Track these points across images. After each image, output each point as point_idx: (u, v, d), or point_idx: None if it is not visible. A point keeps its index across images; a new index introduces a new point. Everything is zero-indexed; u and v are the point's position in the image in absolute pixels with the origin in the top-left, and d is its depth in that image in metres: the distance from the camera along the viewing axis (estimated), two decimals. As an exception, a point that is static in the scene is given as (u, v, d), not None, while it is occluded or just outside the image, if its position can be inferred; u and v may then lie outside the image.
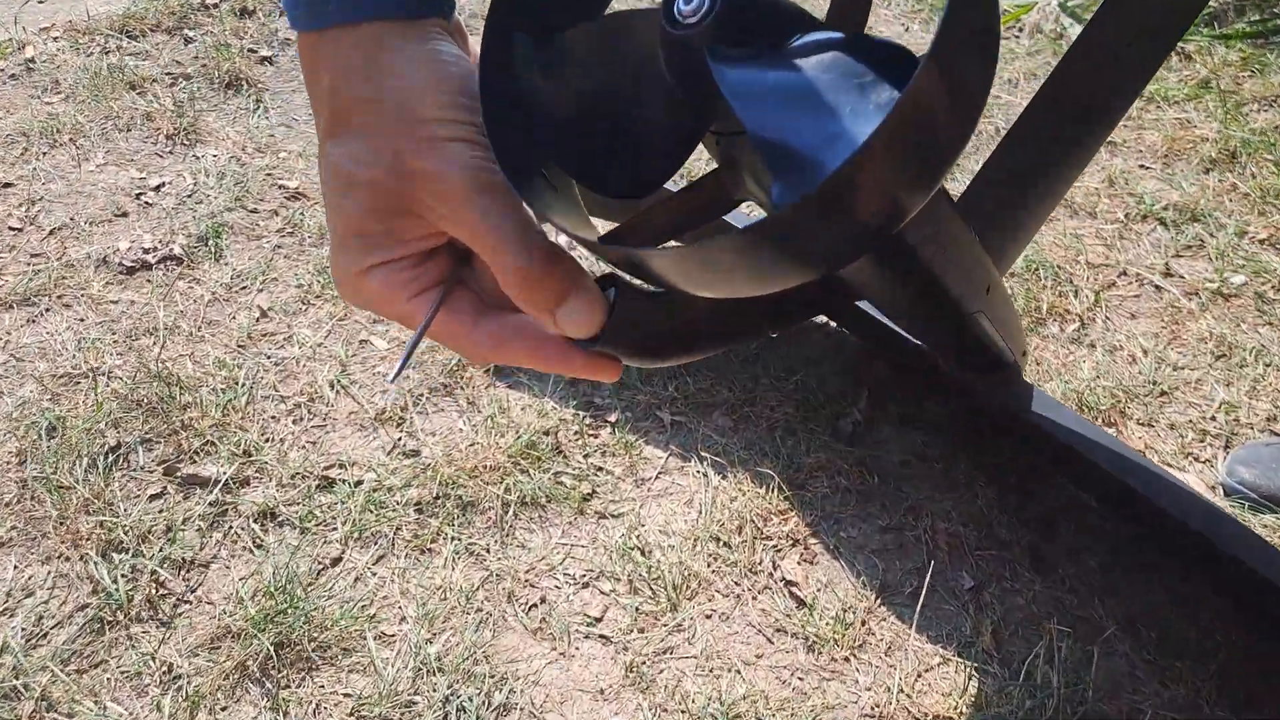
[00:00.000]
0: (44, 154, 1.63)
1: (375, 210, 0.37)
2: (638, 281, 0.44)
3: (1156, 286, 1.48)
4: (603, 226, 0.50)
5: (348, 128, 0.37)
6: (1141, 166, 1.78)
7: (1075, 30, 2.21)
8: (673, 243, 0.41)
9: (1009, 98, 2.01)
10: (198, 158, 1.65)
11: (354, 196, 0.37)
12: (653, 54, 0.40)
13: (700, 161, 1.57)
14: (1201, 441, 1.22)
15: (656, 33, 0.38)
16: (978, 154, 1.77)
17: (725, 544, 1.08)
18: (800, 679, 0.97)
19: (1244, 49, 2.11)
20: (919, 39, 2.21)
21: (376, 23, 0.37)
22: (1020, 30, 2.31)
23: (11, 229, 1.46)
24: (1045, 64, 2.12)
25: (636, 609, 1.02)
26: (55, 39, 1.96)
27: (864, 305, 1.05)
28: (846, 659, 0.99)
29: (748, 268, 0.34)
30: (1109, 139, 1.84)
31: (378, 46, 0.37)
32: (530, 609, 1.02)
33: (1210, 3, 2.15)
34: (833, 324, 1.36)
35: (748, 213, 1.29)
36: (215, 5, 2.12)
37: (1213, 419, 1.25)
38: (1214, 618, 1.02)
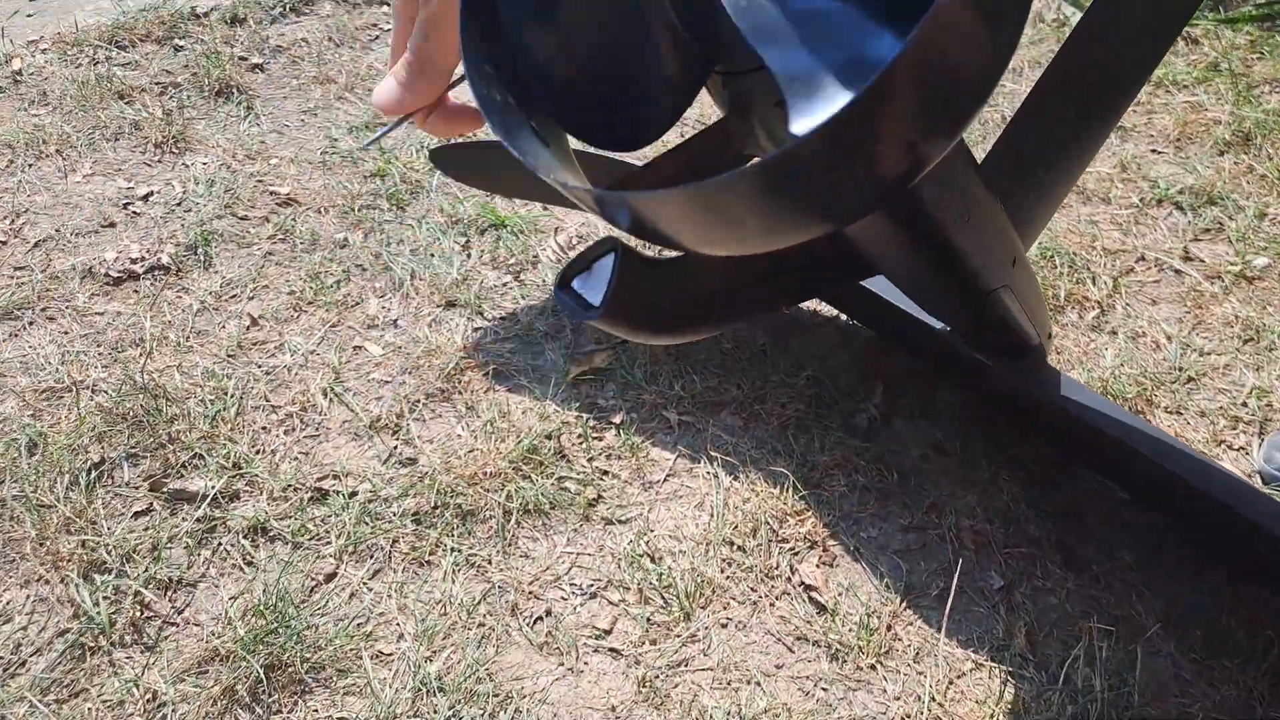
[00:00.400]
0: (30, 165, 1.59)
1: None
2: (642, 247, 0.39)
3: (1176, 271, 1.43)
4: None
5: None
6: (1154, 151, 1.73)
7: (1077, 18, 2.17)
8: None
9: (1014, 86, 1.96)
10: (187, 166, 1.61)
11: None
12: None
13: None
14: (1234, 429, 1.17)
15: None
16: (985, 143, 1.72)
17: (739, 548, 1.03)
18: (824, 690, 0.92)
19: (1251, 31, 2.06)
20: None
21: None
22: (1041, 20, 2.26)
23: (-5, 243, 1.42)
24: (1049, 52, 2.07)
25: (648, 619, 0.97)
26: (43, 51, 1.92)
27: (877, 289, 1.00)
28: (873, 667, 0.93)
29: (758, 213, 0.29)
30: (1119, 125, 1.79)
31: None
32: (535, 622, 0.97)
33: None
34: (843, 317, 1.31)
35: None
36: (205, 14, 2.08)
37: (1244, 405, 1.19)
38: (1263, 612, 0.96)
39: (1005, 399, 1.14)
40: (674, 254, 0.41)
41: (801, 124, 0.30)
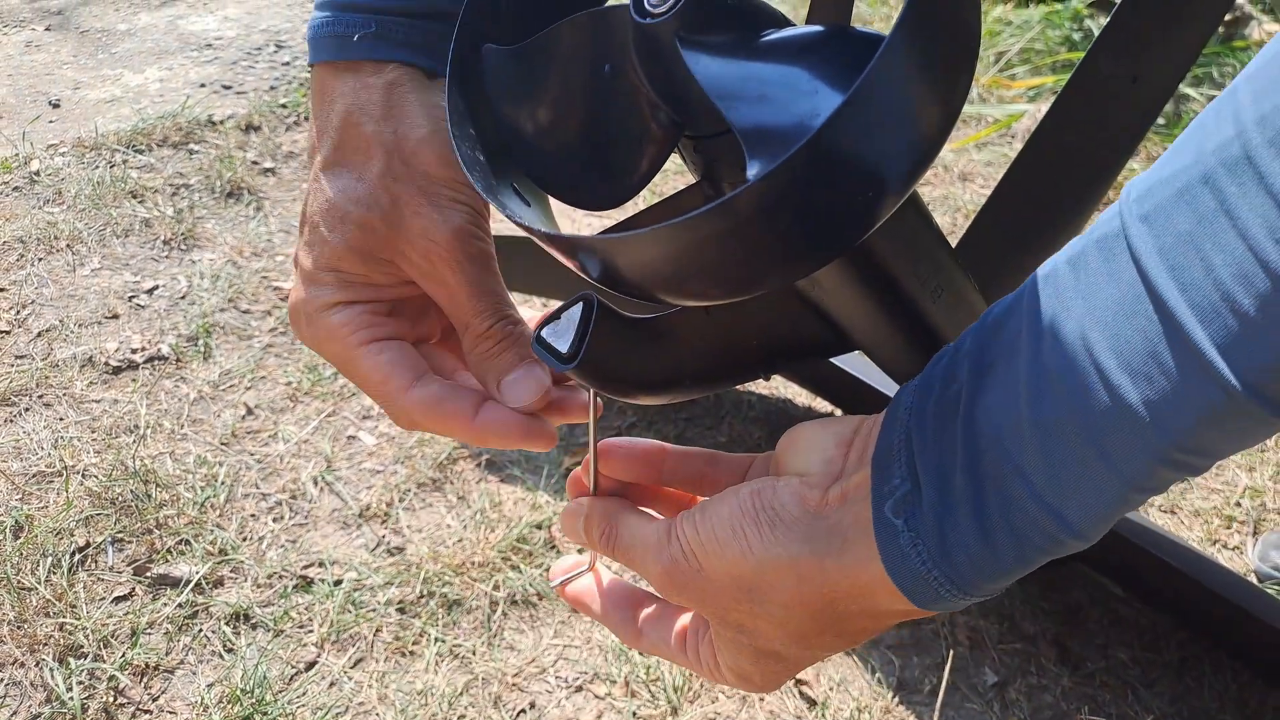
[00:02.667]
0: (40, 260, 1.62)
1: (358, 250, 0.38)
2: (621, 311, 0.41)
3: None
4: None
5: (350, 164, 0.38)
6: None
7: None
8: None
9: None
10: (194, 261, 1.65)
11: (340, 232, 0.38)
12: (625, 58, 0.38)
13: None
14: (1228, 528, 1.16)
15: (628, 35, 0.36)
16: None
17: (728, 642, 1.01)
18: (812, 789, 0.89)
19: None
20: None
21: (402, 67, 0.39)
22: (1013, 136, 2.34)
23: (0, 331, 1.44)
24: (1003, 156, 2.14)
25: (634, 714, 0.95)
26: (62, 154, 1.99)
27: (859, 374, 1.01)
28: (862, 766, 0.90)
29: (713, 256, 0.31)
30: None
31: (397, 90, 0.38)
32: (518, 715, 0.95)
33: (1198, 106, 2.19)
34: (838, 411, 1.31)
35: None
36: (222, 121, 2.16)
37: (1238, 504, 1.19)
38: (1263, 709, 0.94)
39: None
40: (650, 314, 0.42)
41: (759, 170, 0.32)
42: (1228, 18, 2.34)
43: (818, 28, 0.35)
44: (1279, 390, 0.26)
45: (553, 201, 0.43)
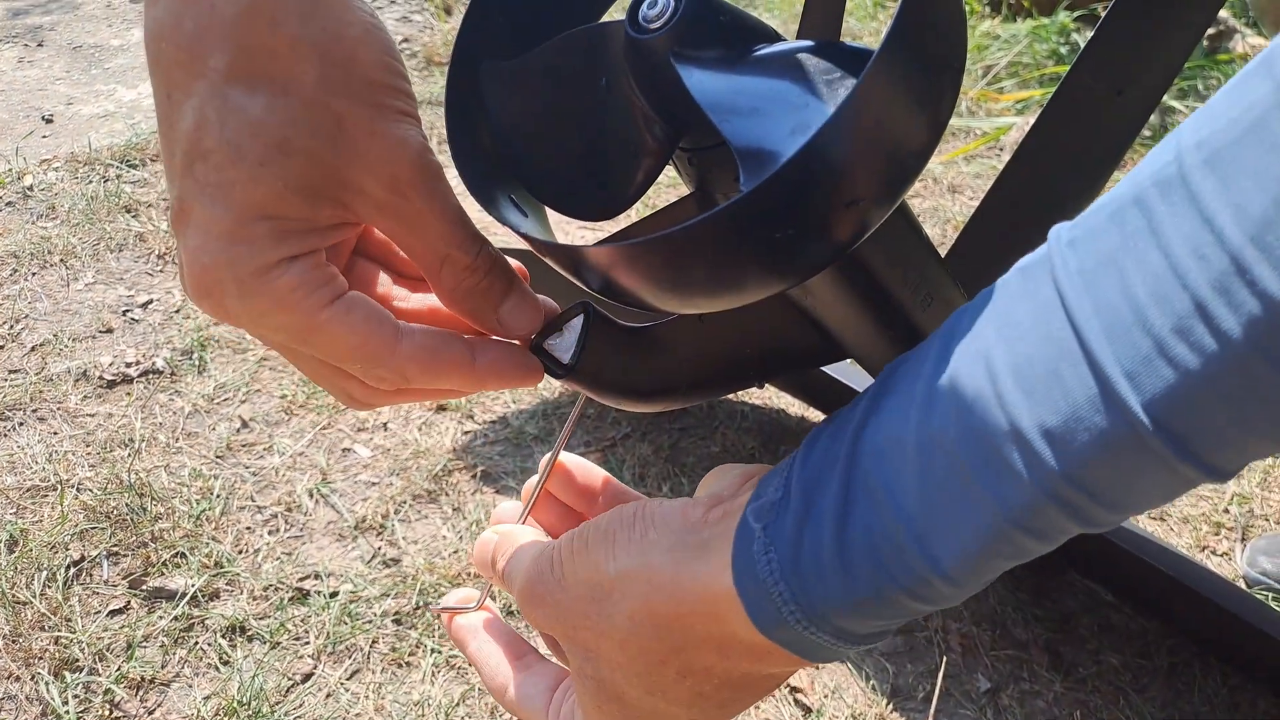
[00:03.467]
0: (33, 274, 1.62)
1: (302, 189, 0.29)
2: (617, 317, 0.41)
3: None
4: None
5: (268, 75, 0.28)
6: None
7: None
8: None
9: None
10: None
11: (277, 166, 0.29)
12: (621, 72, 0.39)
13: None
14: (1217, 534, 1.17)
15: (624, 50, 0.37)
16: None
17: (723, 651, 1.02)
18: (808, 796, 0.89)
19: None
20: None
21: None
22: (1001, 149, 2.36)
23: (-7, 347, 1.45)
24: (990, 169, 2.17)
25: (629, 723, 0.95)
26: (55, 169, 1.99)
27: (854, 384, 1.02)
28: (857, 773, 0.91)
29: (707, 265, 0.32)
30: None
31: None
32: (515, 725, 0.95)
33: (1181, 119, 2.21)
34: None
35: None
36: (213, 136, 2.17)
37: (1226, 511, 1.20)
38: (1255, 714, 0.95)
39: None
40: (646, 323, 0.43)
41: (749, 182, 0.33)
42: (1212, 31, 2.37)
43: (808, 42, 0.36)
44: (1187, 427, 0.23)
45: (549, 212, 0.44)
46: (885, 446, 0.28)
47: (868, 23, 2.73)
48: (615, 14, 0.40)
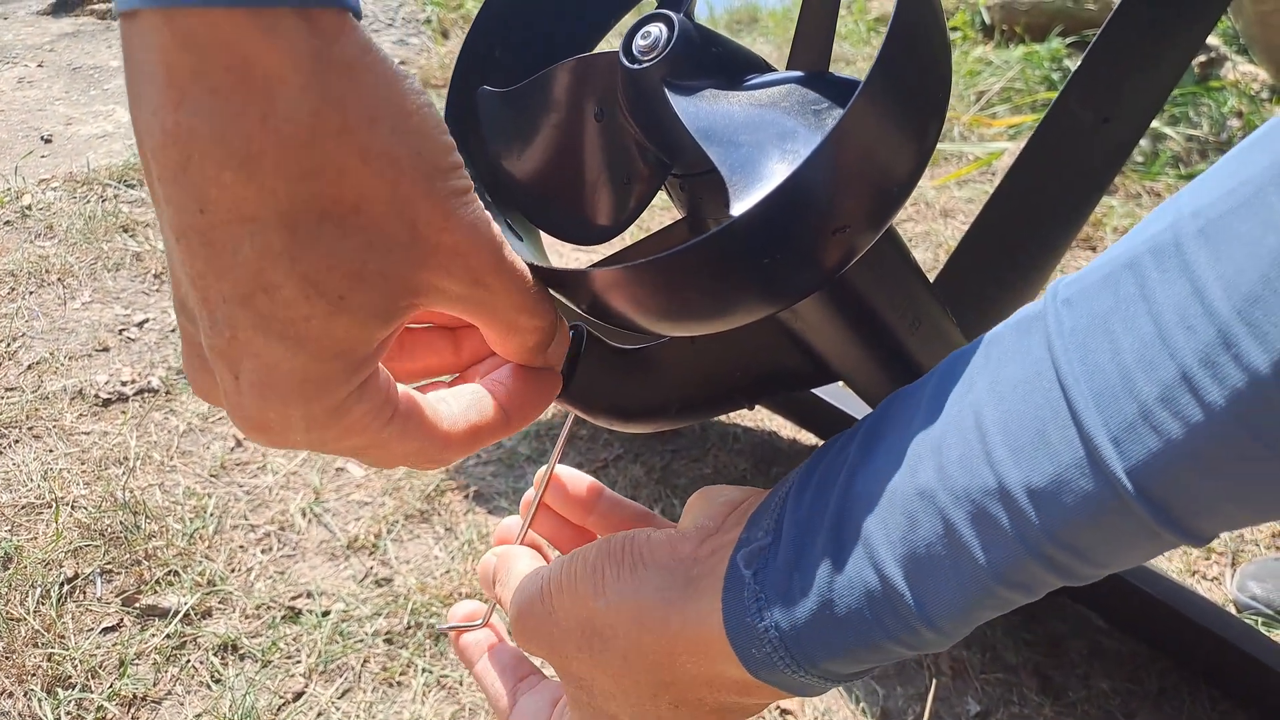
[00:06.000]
0: (31, 293, 1.63)
1: (381, 312, 0.26)
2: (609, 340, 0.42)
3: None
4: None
5: (338, 198, 0.24)
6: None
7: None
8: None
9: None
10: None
11: (360, 295, 0.25)
12: (614, 101, 0.40)
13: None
14: (1207, 559, 1.18)
15: (617, 79, 0.38)
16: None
17: (714, 672, 1.02)
18: (799, 819, 0.89)
19: (1210, 186, 2.17)
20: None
21: (336, 11, 0.22)
22: (993, 174, 2.38)
23: (-11, 364, 1.45)
24: (982, 192, 2.19)
25: (620, 744, 0.95)
26: (53, 189, 2.00)
27: (846, 409, 1.03)
28: (848, 795, 0.91)
29: (698, 289, 0.32)
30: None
31: (366, 52, 0.23)
32: (506, 746, 0.95)
33: (1175, 145, 2.23)
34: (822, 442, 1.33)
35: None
36: (212, 156, 2.18)
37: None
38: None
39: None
40: (637, 345, 0.44)
41: (739, 211, 0.34)
42: (1203, 58, 2.40)
43: (797, 73, 0.37)
44: (1168, 494, 0.23)
45: (543, 236, 0.45)
46: (876, 499, 0.28)
47: (861, 48, 2.76)
48: (610, 44, 0.41)
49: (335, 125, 0.23)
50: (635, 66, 0.36)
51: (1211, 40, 2.41)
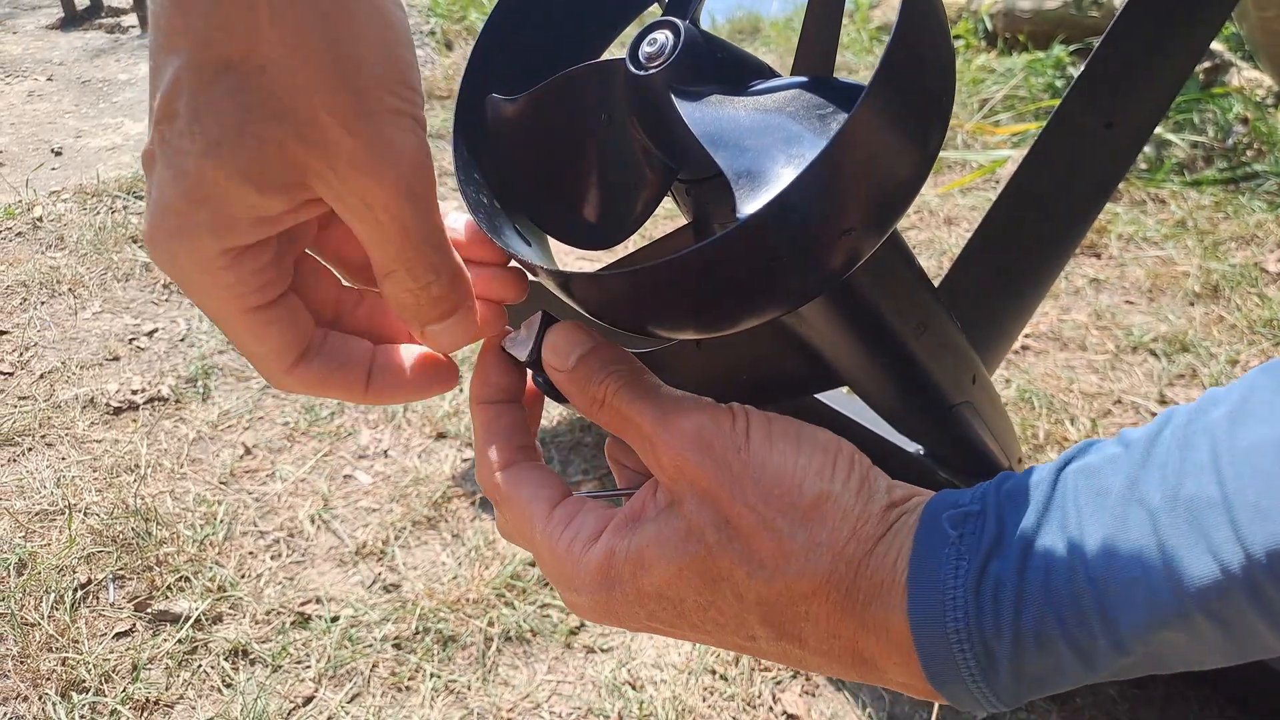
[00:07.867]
0: (42, 303, 1.65)
1: (254, 179, 0.27)
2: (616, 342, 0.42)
3: (1153, 414, 1.47)
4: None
5: (244, 54, 0.26)
6: (1127, 301, 1.80)
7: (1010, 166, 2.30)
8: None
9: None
10: (193, 305, 1.67)
11: (233, 148, 0.27)
12: (621, 107, 0.40)
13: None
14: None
15: (624, 85, 0.38)
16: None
17: (721, 676, 1.02)
18: (806, 822, 0.90)
19: (1215, 193, 2.17)
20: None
21: None
22: (997, 181, 2.39)
23: (2, 373, 1.46)
24: (985, 200, 2.19)
25: (628, 748, 0.95)
26: (64, 200, 2.02)
27: (852, 414, 1.03)
28: (855, 799, 0.91)
29: (704, 292, 0.33)
30: (1095, 277, 1.87)
31: None
32: (514, 750, 0.96)
33: (1180, 151, 2.24)
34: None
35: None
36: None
37: (1223, 540, 1.21)
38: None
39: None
40: (647, 348, 0.44)
41: (745, 214, 0.35)
42: (1207, 64, 2.40)
43: (802, 78, 0.38)
44: None
45: (551, 241, 0.46)
46: (1089, 488, 0.29)
47: (863, 56, 2.77)
48: (616, 51, 0.42)
49: None
50: (642, 73, 0.37)
51: (1216, 46, 2.41)
